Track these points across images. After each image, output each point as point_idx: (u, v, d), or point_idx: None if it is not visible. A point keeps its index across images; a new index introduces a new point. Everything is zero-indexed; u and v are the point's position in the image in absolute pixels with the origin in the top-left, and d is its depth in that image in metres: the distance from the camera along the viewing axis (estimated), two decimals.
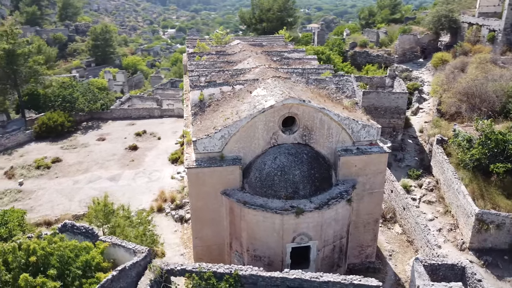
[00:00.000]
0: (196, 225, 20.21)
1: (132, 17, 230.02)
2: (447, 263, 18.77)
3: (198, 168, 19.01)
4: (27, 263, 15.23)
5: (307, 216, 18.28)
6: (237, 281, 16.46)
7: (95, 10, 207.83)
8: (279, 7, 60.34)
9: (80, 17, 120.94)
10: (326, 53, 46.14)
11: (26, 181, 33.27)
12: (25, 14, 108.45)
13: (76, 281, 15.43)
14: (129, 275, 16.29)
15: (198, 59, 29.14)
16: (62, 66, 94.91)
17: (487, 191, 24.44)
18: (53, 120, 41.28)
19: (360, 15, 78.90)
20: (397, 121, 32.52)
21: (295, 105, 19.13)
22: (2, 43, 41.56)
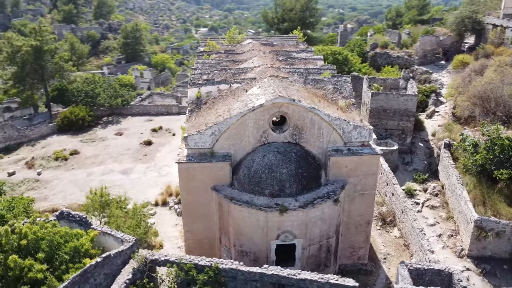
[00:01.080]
0: (187, 219, 20.82)
1: (166, 16, 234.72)
2: (434, 268, 18.52)
3: (188, 163, 19.60)
4: (19, 246, 16.26)
5: (291, 214, 18.48)
6: (217, 274, 16.90)
7: (131, 9, 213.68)
8: (301, 7, 60.34)
9: (114, 16, 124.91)
10: (344, 54, 45.77)
11: (44, 171, 35.03)
12: (62, 13, 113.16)
13: (63, 265, 16.33)
14: (114, 263, 17.05)
15: (206, 58, 29.78)
16: (94, 62, 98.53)
17: (489, 197, 23.79)
18: (74, 114, 43.15)
19: (387, 15, 77.62)
20: (406, 123, 32.01)
21: (285, 104, 19.37)
22: (30, 40, 43.78)
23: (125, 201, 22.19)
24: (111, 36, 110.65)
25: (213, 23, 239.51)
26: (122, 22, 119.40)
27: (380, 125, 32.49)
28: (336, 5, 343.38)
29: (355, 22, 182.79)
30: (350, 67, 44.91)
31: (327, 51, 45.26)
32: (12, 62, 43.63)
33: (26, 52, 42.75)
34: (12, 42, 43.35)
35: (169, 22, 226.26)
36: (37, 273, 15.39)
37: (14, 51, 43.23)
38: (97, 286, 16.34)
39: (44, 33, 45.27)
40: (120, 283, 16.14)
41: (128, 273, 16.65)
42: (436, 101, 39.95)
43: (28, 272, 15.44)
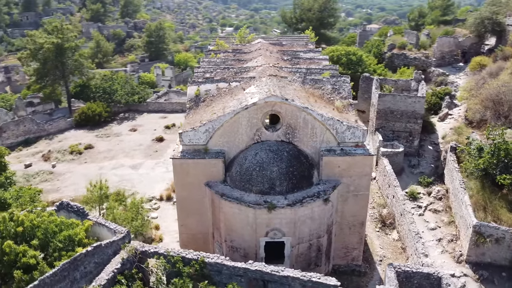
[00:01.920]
0: (181, 213, 21.35)
1: (193, 15, 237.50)
2: (422, 272, 18.36)
3: (182, 159, 20.11)
4: (16, 232, 17.14)
5: (279, 212, 18.71)
6: (203, 267, 17.31)
7: (158, 8, 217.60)
8: (319, 7, 60.12)
9: (139, 15, 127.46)
10: (358, 54, 45.39)
11: (59, 164, 36.41)
12: (90, 11, 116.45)
13: (56, 252, 17.10)
14: (105, 252, 17.70)
15: (212, 56, 30.30)
16: (118, 60, 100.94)
17: (491, 203, 23.25)
18: (91, 110, 44.59)
19: (410, 16, 76.24)
20: (413, 125, 31.55)
21: (278, 103, 19.60)
22: (52, 38, 45.49)
23: (124, 194, 22.88)
24: (136, 34, 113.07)
25: (239, 22, 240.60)
26: (147, 21, 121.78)
27: (387, 127, 32.14)
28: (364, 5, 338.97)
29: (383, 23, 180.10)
30: (364, 67, 44.48)
31: (341, 52, 45.00)
32: (35, 58, 45.47)
33: (48, 49, 44.44)
34: (35, 39, 45.17)
35: (196, 21, 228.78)
36: (30, 259, 16.18)
37: (37, 48, 45.03)
38: (87, 274, 17.01)
39: (66, 31, 46.90)
40: (108, 272, 16.76)
41: (117, 263, 17.26)
42: (450, 103, 39.11)
43: (22, 257, 16.29)
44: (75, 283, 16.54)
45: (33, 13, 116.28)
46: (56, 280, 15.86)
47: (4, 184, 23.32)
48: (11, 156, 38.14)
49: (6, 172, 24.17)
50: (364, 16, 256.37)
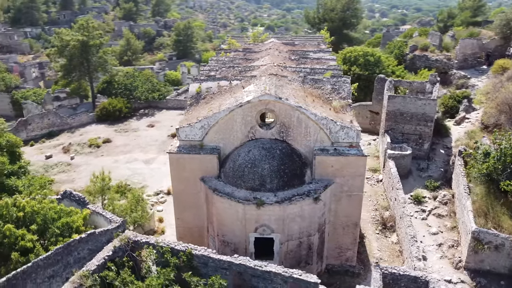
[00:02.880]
0: (178, 207, 22.01)
1: (225, 14, 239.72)
2: (410, 275, 18.17)
3: (178, 154, 20.77)
4: (17, 217, 18.28)
5: (268, 209, 19.01)
6: (190, 259, 17.86)
7: (191, 7, 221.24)
8: (342, 7, 59.66)
9: (170, 14, 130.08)
10: (376, 55, 44.86)
11: (77, 157, 38.04)
12: (123, 10, 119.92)
13: (53, 238, 18.13)
14: (99, 240, 18.58)
15: (223, 55, 30.91)
16: (147, 58, 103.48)
17: (493, 209, 22.67)
18: (112, 105, 46.22)
19: (438, 17, 74.35)
20: (423, 128, 30.98)
21: (272, 101, 19.90)
22: (78, 35, 47.46)
23: (125, 186, 23.80)
24: (165, 33, 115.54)
25: (270, 22, 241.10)
26: (177, 19, 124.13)
27: (397, 129, 31.71)
28: (400, 6, 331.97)
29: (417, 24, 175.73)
30: (381, 69, 43.93)
31: (358, 52, 44.62)
32: (62, 55, 47.55)
33: (74, 46, 46.40)
34: (62, 36, 47.25)
35: (227, 20, 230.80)
36: (27, 242, 17.28)
37: (64, 45, 47.09)
38: (80, 259, 17.93)
39: (91, 29, 48.78)
40: (99, 258, 17.54)
41: (109, 250, 18.04)
42: (468, 107, 38.09)
43: (20, 240, 17.39)
44: (68, 267, 17.47)
45: (69, 11, 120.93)
46: (50, 263, 16.85)
47: (18, 172, 24.73)
48: (35, 147, 40.22)
49: (20, 161, 25.61)
50: (398, 17, 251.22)
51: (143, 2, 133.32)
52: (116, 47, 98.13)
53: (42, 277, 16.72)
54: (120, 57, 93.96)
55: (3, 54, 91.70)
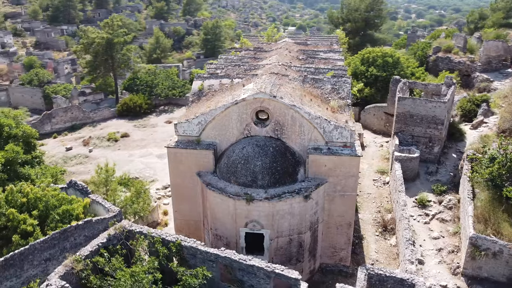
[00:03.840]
0: (175, 199, 22.72)
1: (257, 14, 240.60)
2: (396, 277, 18.06)
3: (176, 148, 21.47)
4: (22, 203, 19.48)
5: (257, 205, 19.36)
6: (179, 250, 18.49)
7: (223, 7, 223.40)
8: (366, 7, 58.95)
9: (200, 13, 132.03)
10: (395, 56, 44.16)
11: (95, 149, 39.63)
12: (155, 9, 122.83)
13: (53, 223, 19.21)
14: (96, 228, 19.50)
15: (233, 54, 31.46)
16: (176, 56, 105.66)
17: (494, 215, 22.09)
18: (133, 101, 47.75)
19: (468, 18, 72.03)
20: (433, 131, 30.36)
21: (266, 99, 20.23)
22: (102, 33, 49.29)
23: (128, 178, 24.73)
24: (195, 32, 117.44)
25: (302, 22, 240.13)
26: (207, 18, 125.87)
27: (407, 131, 31.22)
28: (438, 6, 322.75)
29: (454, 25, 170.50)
30: (400, 70, 43.20)
31: (377, 53, 44.06)
32: (87, 52, 49.52)
33: (98, 44, 48.23)
34: (88, 34, 49.21)
35: (259, 20, 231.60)
36: (28, 226, 18.42)
37: (89, 42, 49.03)
38: (77, 245, 18.89)
39: (116, 27, 50.52)
40: (93, 245, 18.43)
41: (103, 238, 18.91)
42: (487, 111, 36.93)
43: (22, 224, 18.55)
44: (65, 251, 18.46)
45: (104, 10, 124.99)
46: (46, 246, 17.89)
47: (33, 162, 26.18)
48: (57, 139, 42.19)
49: (35, 151, 27.09)
50: (435, 18, 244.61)
51: (175, 1, 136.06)
52: (145, 45, 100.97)
53: (39, 259, 17.76)
54: (149, 55, 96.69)
55: (40, 50, 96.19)
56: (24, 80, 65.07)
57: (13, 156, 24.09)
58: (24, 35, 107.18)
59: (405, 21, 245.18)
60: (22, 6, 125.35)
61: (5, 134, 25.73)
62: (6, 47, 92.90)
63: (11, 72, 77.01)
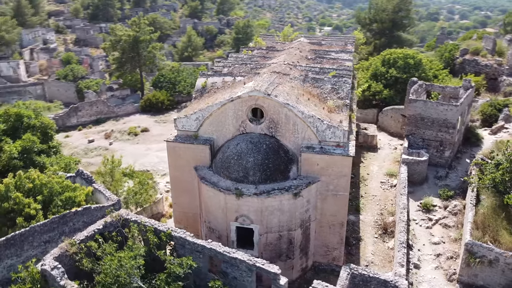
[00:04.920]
0: (174, 192, 23.55)
1: (293, 13, 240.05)
2: (379, 278, 18.07)
3: (174, 142, 22.29)
4: (28, 188, 20.86)
5: (247, 200, 19.82)
6: (169, 239, 19.25)
7: (259, 6, 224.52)
8: (393, 7, 57.84)
9: (233, 12, 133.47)
10: (417, 58, 43.22)
11: (115, 143, 41.32)
12: (189, 8, 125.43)
13: (55, 208, 20.47)
14: (94, 215, 20.57)
15: (245, 53, 32.03)
16: (207, 55, 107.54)
17: (495, 222, 21.47)
18: (156, 97, 49.30)
19: (505, 19, 69.14)
20: (444, 135, 29.64)
21: (261, 97, 20.64)
22: (129, 31, 51.17)
23: (133, 170, 25.78)
24: (227, 31, 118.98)
25: (338, 22, 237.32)
26: (240, 18, 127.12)
27: (417, 134, 30.62)
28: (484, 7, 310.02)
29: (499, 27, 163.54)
30: (421, 72, 42.25)
31: (398, 54, 43.28)
32: (114, 49, 51.56)
33: (125, 41, 50.12)
34: (116, 32, 51.23)
35: (295, 20, 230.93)
36: (31, 210, 19.75)
37: (117, 40, 51.04)
38: (75, 230, 19.96)
39: (142, 25, 52.29)
40: (89, 230, 19.51)
41: (99, 224, 19.95)
42: (508, 116, 35.58)
43: (26, 208, 19.90)
44: (64, 235, 19.60)
45: (141, 8, 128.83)
46: (46, 229, 19.09)
47: (49, 151, 27.79)
48: (81, 132, 44.29)
49: (52, 141, 28.71)
50: (479, 19, 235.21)
51: (209, 0, 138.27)
52: (178, 43, 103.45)
53: (39, 241, 19.00)
54: (181, 53, 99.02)
55: (79, 47, 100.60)
56: (60, 75, 68.50)
57: (29, 145, 25.71)
58: (65, 32, 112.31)
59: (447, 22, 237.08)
60: (66, 5, 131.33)
61: (25, 125, 27.45)
62: (48, 44, 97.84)
63: (50, 67, 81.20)
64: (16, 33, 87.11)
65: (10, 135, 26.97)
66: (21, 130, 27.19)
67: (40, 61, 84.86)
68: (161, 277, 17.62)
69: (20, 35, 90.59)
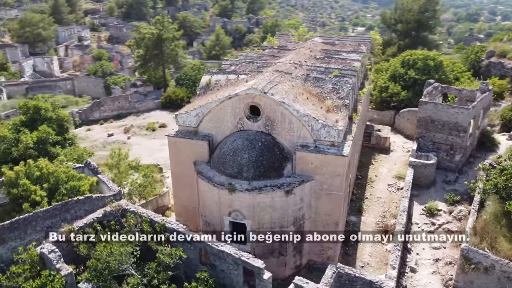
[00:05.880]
0: (175, 186, 24.25)
1: (326, 13, 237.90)
2: (365, 278, 18.09)
3: (175, 137, 22.98)
4: (37, 176, 22.10)
5: (239, 195, 20.21)
6: (163, 230, 19.93)
7: (292, 6, 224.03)
8: (419, 8, 56.56)
9: (263, 11, 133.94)
10: (438, 60, 42.23)
11: (133, 137, 42.68)
12: (220, 7, 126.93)
13: (59, 196, 21.59)
14: (95, 204, 21.53)
15: (256, 51, 32.43)
16: (234, 54, 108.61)
17: (495, 228, 20.92)
18: (175, 94, 50.45)
19: None
20: (455, 138, 28.94)
21: (258, 95, 20.98)
22: (153, 29, 52.58)
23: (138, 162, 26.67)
24: (256, 30, 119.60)
25: (372, 22, 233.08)
26: (270, 17, 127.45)
27: (428, 137, 30.03)
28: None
29: None
30: (441, 74, 41.25)
31: (418, 56, 42.42)
32: (139, 46, 53.15)
33: (149, 39, 51.57)
34: (140, 30, 52.78)
35: (328, 19, 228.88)
36: (37, 196, 20.95)
37: (141, 38, 52.59)
38: (77, 217, 20.93)
39: (166, 24, 53.60)
40: (89, 218, 20.47)
41: (99, 213, 20.91)
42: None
43: (33, 194, 21.12)
44: (65, 221, 20.67)
45: (173, 7, 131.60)
46: (48, 215, 20.20)
47: (64, 143, 29.23)
48: (102, 126, 46.00)
49: (68, 133, 30.17)
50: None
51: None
52: (206, 41, 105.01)
53: (41, 226, 20.13)
54: (209, 51, 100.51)
55: (112, 44, 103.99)
56: (90, 71, 71.14)
57: (44, 136, 27.15)
58: (100, 30, 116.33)
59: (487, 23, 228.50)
60: (101, 3, 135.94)
61: (42, 117, 28.97)
62: (83, 41, 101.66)
63: (83, 63, 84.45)
64: (52, 30, 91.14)
65: (29, 126, 28.58)
66: (39, 122, 28.71)
67: (74, 57, 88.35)
68: (151, 266, 18.29)
69: (57, 32, 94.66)
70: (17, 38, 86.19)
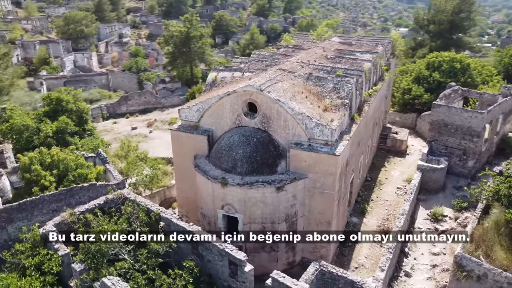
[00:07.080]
0: (177, 178, 25.13)
1: (368, 13, 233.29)
2: (347, 278, 18.12)
3: (177, 131, 23.81)
4: (48, 163, 23.64)
5: (231, 189, 20.72)
6: (157, 219, 20.81)
7: (333, 5, 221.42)
8: (452, 8, 54.62)
9: (300, 11, 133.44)
10: (465, 62, 40.79)
11: (155, 131, 44.21)
12: (257, 7, 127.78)
13: (67, 182, 23.00)
14: (99, 191, 22.78)
15: (270, 50, 32.81)
16: None
17: (493, 236, 20.21)
18: (200, 91, 51.51)
19: None
20: (468, 143, 27.98)
21: (255, 93, 21.40)
22: (182, 27, 54.06)
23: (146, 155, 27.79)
24: (292, 29, 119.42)
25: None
26: (306, 17, 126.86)
27: (440, 141, 29.19)
28: None
29: None
30: (467, 77, 39.82)
31: (444, 58, 41.16)
32: (167, 43, 54.81)
33: (177, 37, 53.10)
34: (169, 28, 54.42)
35: (369, 19, 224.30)
36: (46, 181, 22.44)
37: (170, 35, 54.22)
38: (81, 203, 22.19)
39: (194, 22, 54.94)
40: (91, 205, 21.66)
41: (101, 200, 22.09)
42: None
43: (43, 179, 22.64)
44: (70, 206, 22.01)
45: (211, 6, 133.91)
46: (54, 199, 21.64)
47: (83, 133, 30.92)
48: (128, 120, 47.95)
49: (87, 124, 31.86)
50: None
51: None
52: (241, 40, 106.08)
53: (47, 209, 21.59)
54: (243, 50, 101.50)
55: (151, 41, 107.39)
56: (125, 66, 74.02)
57: (63, 126, 28.86)
58: (140, 27, 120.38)
59: None
60: (144, 2, 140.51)
61: (64, 108, 30.77)
62: (123, 38, 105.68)
63: (121, 59, 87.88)
64: (94, 27, 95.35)
65: (51, 116, 30.45)
66: (60, 113, 30.52)
67: (113, 54, 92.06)
68: (142, 252, 19.16)
69: (98, 29, 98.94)
70: (61, 35, 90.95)
